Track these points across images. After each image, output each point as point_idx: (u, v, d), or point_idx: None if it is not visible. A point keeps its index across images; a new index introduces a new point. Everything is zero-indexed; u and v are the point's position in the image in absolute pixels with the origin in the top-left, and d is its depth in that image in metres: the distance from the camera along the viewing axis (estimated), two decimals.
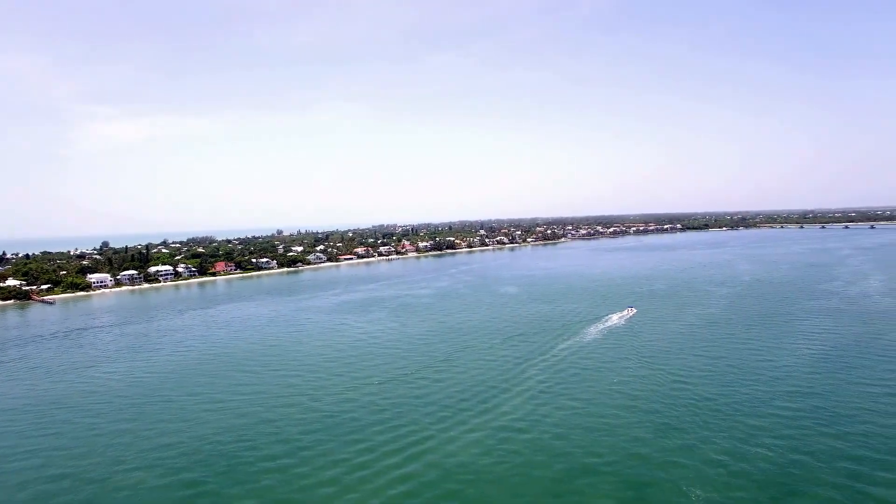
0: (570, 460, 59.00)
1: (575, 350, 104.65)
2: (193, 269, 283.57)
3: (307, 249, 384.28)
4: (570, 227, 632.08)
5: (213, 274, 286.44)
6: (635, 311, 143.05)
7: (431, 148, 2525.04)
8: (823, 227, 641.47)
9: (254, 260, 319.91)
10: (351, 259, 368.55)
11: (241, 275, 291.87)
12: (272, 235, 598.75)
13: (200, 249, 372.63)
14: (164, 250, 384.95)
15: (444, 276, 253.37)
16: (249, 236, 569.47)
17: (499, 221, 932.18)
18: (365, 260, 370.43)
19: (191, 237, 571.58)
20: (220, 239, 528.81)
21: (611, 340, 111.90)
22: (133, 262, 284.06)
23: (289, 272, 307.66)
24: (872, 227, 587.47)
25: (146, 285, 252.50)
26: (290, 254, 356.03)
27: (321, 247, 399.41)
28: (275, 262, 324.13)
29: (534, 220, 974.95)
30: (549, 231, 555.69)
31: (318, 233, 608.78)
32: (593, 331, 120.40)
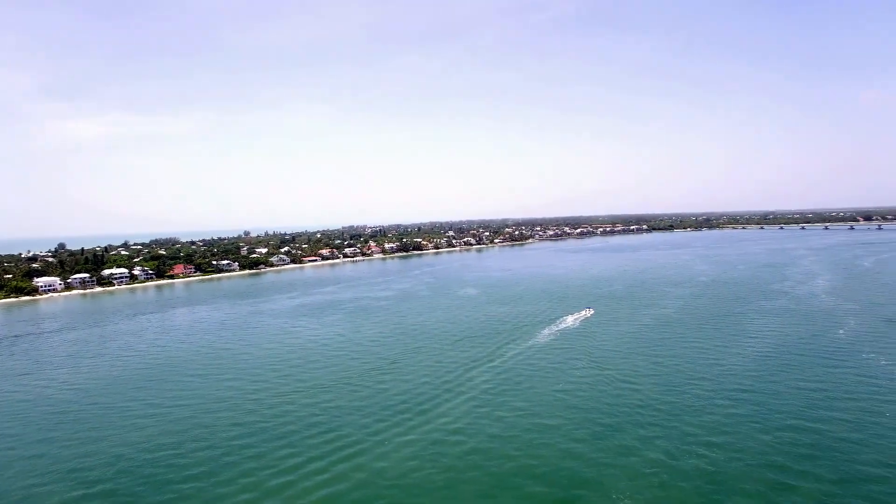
0: (502, 466, 58.27)
1: (525, 353, 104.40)
2: (150, 272, 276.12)
3: (271, 251, 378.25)
4: (538, 229, 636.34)
5: (172, 277, 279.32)
6: (593, 311, 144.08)
7: (407, 149, 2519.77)
8: (782, 227, 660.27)
9: (214, 262, 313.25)
10: (315, 261, 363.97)
11: (200, 277, 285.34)
12: (238, 237, 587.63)
13: (161, 251, 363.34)
14: (123, 252, 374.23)
15: (407, 277, 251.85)
16: (216, 237, 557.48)
17: (469, 222, 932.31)
18: (329, 262, 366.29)
19: (154, 238, 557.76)
20: (184, 240, 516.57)
21: (563, 342, 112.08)
22: (87, 264, 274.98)
23: (250, 274, 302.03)
24: (826, 228, 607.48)
25: (99, 289, 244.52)
26: (253, 256, 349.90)
27: (286, 248, 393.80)
28: (236, 264, 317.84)
29: (504, 220, 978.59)
30: (516, 232, 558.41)
31: (285, 234, 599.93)
32: (546, 333, 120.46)
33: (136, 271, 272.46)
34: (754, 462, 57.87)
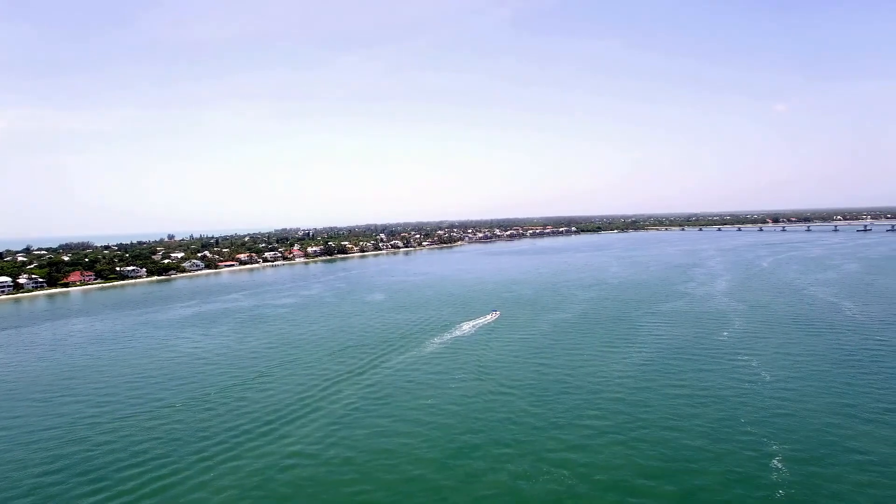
0: (332, 496, 53.41)
1: (408, 363, 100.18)
2: (41, 280, 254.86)
3: (187, 255, 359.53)
4: (470, 231, 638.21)
5: (66, 285, 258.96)
6: (499, 314, 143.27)
7: (349, 151, 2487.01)
8: (701, 229, 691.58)
9: (118, 268, 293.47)
10: (232, 266, 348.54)
11: (100, 285, 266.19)
12: (160, 240, 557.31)
13: (65, 257, 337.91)
14: (21, 258, 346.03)
15: (319, 282, 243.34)
16: (135, 241, 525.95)
17: (405, 224, 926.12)
18: (248, 266, 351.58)
19: (64, 243, 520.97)
20: (98, 244, 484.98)
21: (452, 350, 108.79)
22: None
23: (158, 281, 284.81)
24: (739, 230, 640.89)
25: None
26: (166, 261, 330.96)
27: (203, 253, 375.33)
28: (144, 270, 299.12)
29: (440, 223, 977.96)
30: (446, 235, 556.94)
31: (211, 237, 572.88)
32: (438, 341, 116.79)
33: (23, 279, 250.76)
34: (604, 478, 56.02)
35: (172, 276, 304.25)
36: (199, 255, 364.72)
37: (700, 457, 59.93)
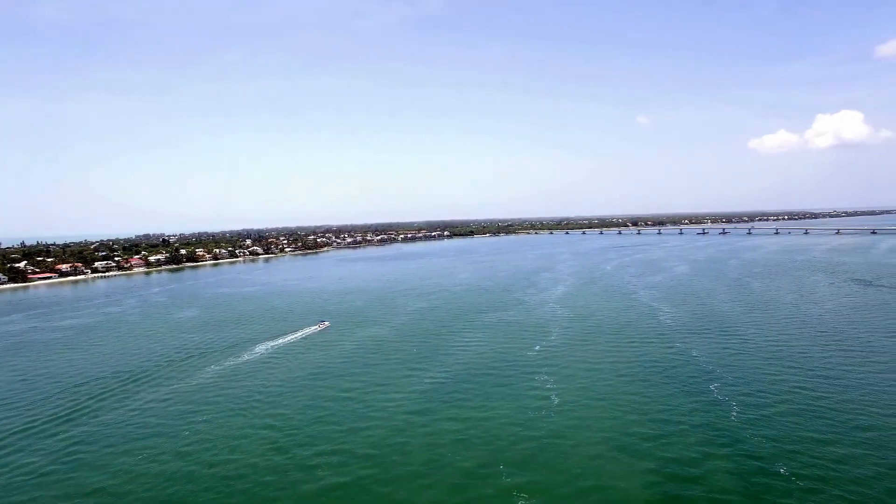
0: None
1: (157, 399, 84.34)
2: None
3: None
4: (343, 236, 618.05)
5: None
6: (328, 324, 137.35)
7: (231, 151, 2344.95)
8: (567, 233, 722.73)
9: None
10: (51, 278, 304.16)
11: None
12: None
13: None
14: None
15: (136, 297, 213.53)
16: None
17: (281, 229, 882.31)
18: (72, 278, 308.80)
19: None
20: None
21: (227, 378, 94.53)
22: None
23: None
24: (601, 233, 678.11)
25: None
26: None
27: (17, 264, 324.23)
28: None
29: (316, 228, 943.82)
30: (312, 241, 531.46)
31: (48, 244, 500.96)
32: (217, 367, 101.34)
33: None
34: None
35: None
36: (8, 266, 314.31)
37: None
